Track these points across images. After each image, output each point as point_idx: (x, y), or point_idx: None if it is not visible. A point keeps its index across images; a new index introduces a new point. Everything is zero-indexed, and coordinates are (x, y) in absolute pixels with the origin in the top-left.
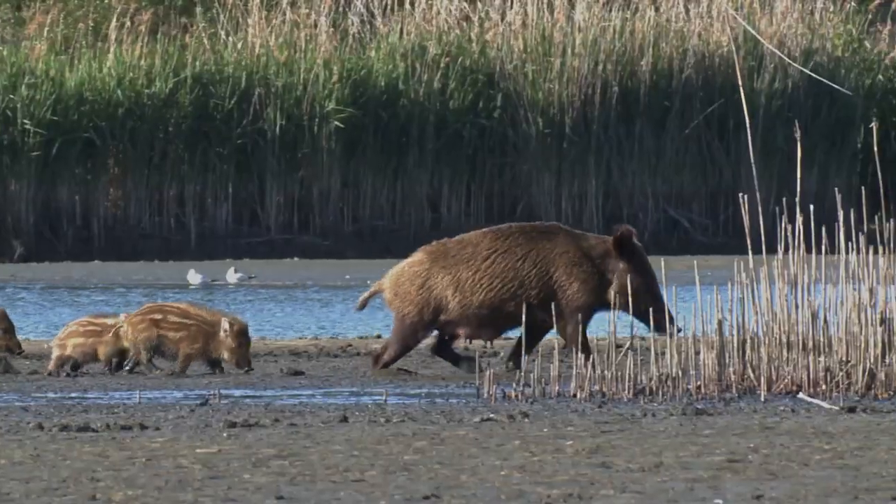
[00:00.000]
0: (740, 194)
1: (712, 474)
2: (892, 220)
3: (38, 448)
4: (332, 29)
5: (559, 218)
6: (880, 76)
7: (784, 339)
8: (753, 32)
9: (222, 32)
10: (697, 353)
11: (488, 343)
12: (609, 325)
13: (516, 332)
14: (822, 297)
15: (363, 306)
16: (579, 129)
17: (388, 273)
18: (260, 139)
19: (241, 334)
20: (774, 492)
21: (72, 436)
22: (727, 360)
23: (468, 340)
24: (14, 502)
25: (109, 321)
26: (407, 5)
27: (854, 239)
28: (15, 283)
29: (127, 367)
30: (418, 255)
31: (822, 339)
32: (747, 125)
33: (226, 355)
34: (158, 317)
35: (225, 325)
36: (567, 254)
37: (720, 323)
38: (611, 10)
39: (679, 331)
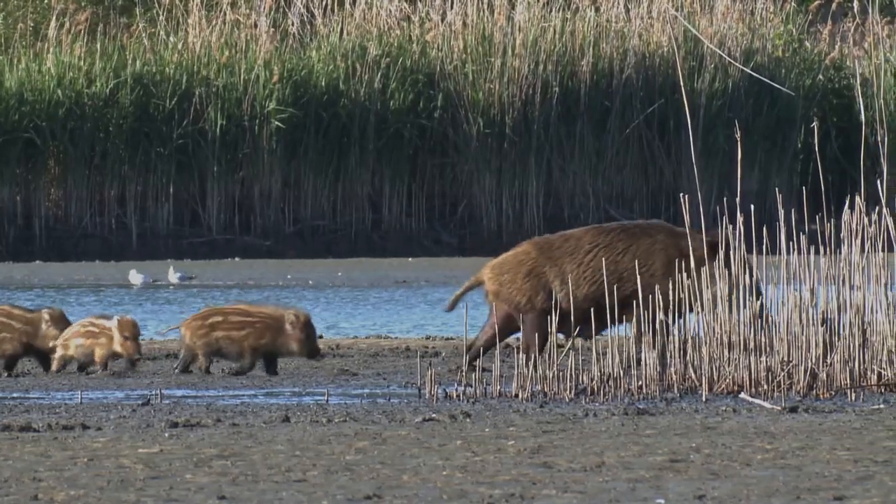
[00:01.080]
0: (681, 194)
1: (654, 474)
2: (832, 221)
3: None
4: (272, 29)
5: (500, 218)
6: (820, 76)
7: (725, 340)
8: (695, 32)
9: (162, 32)
10: (639, 352)
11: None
12: (550, 325)
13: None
14: (763, 298)
15: (454, 306)
16: (520, 129)
17: (486, 265)
18: (201, 139)
19: (307, 325)
20: (716, 491)
21: (13, 436)
22: (669, 361)
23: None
24: None
25: (108, 323)
26: (347, 5)
27: (795, 239)
28: None
29: (178, 368)
30: (524, 246)
31: (763, 339)
32: (688, 125)
33: (295, 347)
34: (219, 319)
35: (290, 317)
36: (665, 251)
37: (661, 323)
38: (551, 11)
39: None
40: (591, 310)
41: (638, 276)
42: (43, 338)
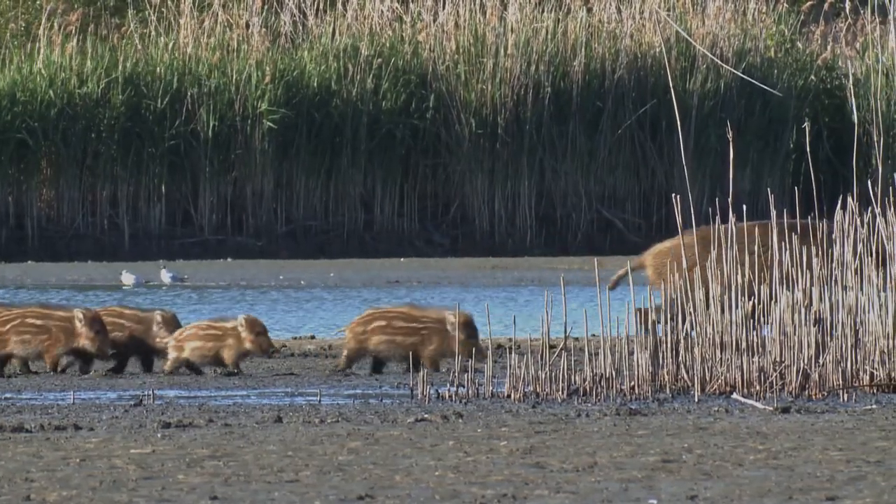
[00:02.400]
0: (673, 195)
1: (646, 474)
2: (824, 221)
3: None
4: (264, 29)
5: (492, 218)
6: (813, 77)
7: (718, 340)
8: (685, 34)
9: (154, 33)
10: (631, 353)
11: None
12: (542, 326)
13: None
14: (755, 298)
15: (616, 286)
16: (512, 129)
17: (648, 251)
18: (193, 140)
19: (468, 325)
20: (709, 492)
21: (5, 436)
22: (661, 361)
23: None
24: None
25: (229, 325)
26: (339, 6)
27: (788, 239)
28: None
29: (339, 368)
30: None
31: (755, 339)
32: (679, 126)
33: (458, 349)
34: (382, 323)
35: (451, 318)
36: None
37: (654, 323)
38: (543, 11)
39: None
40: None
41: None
42: (153, 338)
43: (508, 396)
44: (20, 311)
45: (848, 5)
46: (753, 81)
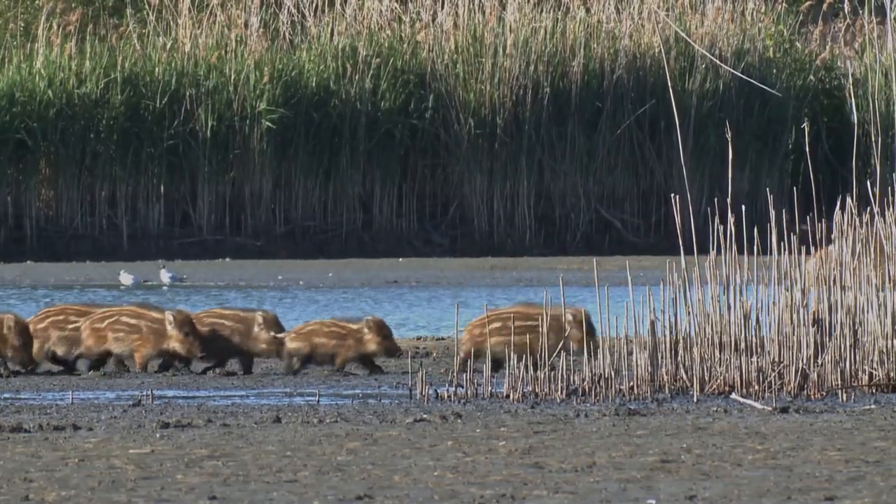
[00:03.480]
0: (672, 195)
1: (645, 475)
2: (823, 221)
3: None
4: (262, 29)
5: (491, 218)
6: (811, 77)
7: (716, 340)
8: (683, 35)
9: (152, 33)
10: (630, 353)
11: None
12: (542, 326)
13: None
14: (754, 298)
15: None
16: (511, 129)
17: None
18: (191, 140)
19: (586, 321)
20: (707, 492)
21: (4, 436)
22: (660, 361)
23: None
24: None
25: (354, 325)
26: (338, 6)
27: (786, 239)
28: None
29: (456, 371)
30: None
31: (754, 339)
32: (678, 126)
33: (575, 346)
34: (499, 324)
35: (569, 316)
36: None
37: (652, 323)
38: (542, 11)
39: None
40: None
41: None
42: (254, 340)
43: (507, 396)
44: (118, 310)
45: (847, 5)
46: (752, 81)
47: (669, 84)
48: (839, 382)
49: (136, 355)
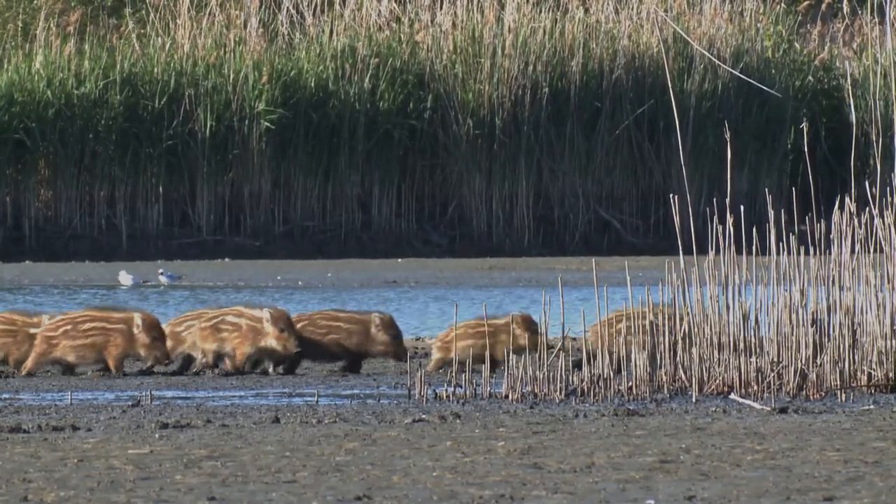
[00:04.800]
0: (671, 195)
1: (644, 475)
2: (822, 221)
3: None
4: (261, 30)
5: (489, 219)
6: (810, 77)
7: (715, 340)
8: (683, 34)
9: (152, 33)
10: (629, 353)
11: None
12: (540, 326)
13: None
14: (753, 298)
15: None
16: (510, 129)
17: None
18: (190, 140)
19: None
20: (706, 492)
21: (3, 437)
22: (659, 361)
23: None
24: None
25: (501, 321)
26: (336, 6)
27: (785, 240)
28: None
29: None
30: None
31: (753, 339)
32: (677, 126)
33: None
34: (629, 324)
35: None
36: None
37: (651, 324)
38: (540, 11)
39: None
40: None
41: None
42: (371, 341)
43: (506, 397)
44: (223, 311)
45: (846, 6)
46: (752, 81)
47: (669, 84)
48: (838, 383)
49: (237, 353)
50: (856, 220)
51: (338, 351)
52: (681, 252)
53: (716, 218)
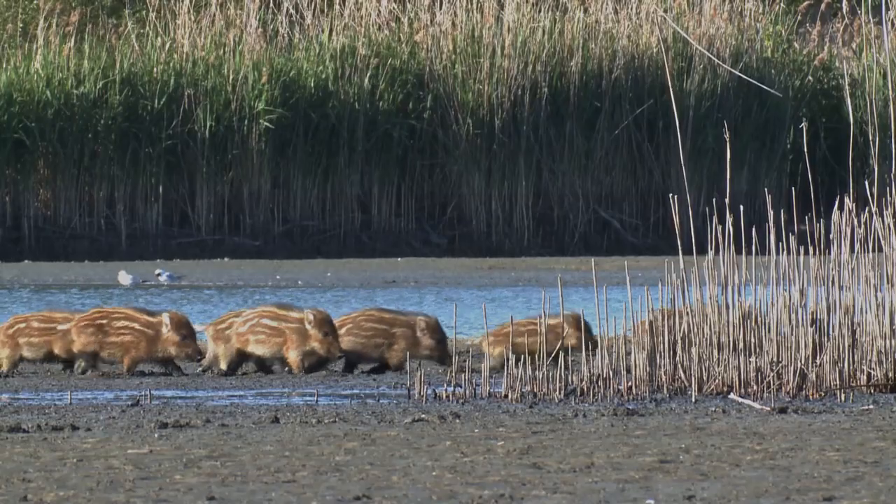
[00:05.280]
0: (670, 195)
1: (643, 475)
2: (822, 221)
3: None
4: (260, 30)
5: (489, 219)
6: (810, 77)
7: (715, 340)
8: (682, 33)
9: (151, 33)
10: (628, 353)
11: None
12: (540, 326)
13: None
14: (752, 298)
15: None
16: (509, 129)
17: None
18: (190, 140)
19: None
20: (706, 492)
21: (2, 436)
22: (658, 361)
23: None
24: None
25: (552, 321)
26: (336, 6)
27: (784, 239)
28: None
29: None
30: None
31: (752, 340)
32: (677, 126)
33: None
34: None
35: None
36: None
37: (651, 324)
38: (540, 11)
39: None
40: None
41: None
42: (417, 345)
43: (506, 396)
44: (258, 312)
45: (845, 6)
46: (751, 81)
47: (668, 84)
48: (838, 383)
49: (291, 356)
50: (855, 220)
51: (376, 354)
52: (680, 252)
53: (715, 218)
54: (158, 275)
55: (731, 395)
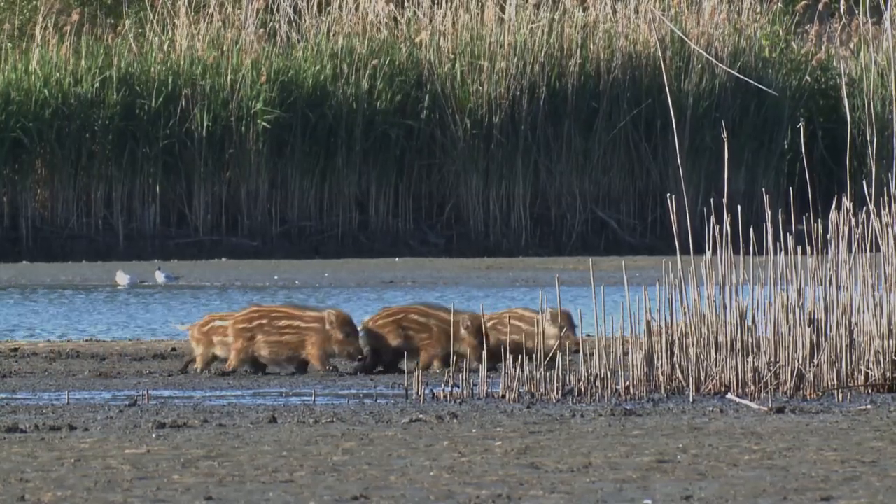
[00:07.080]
0: (668, 195)
1: (641, 475)
2: (819, 221)
3: None
4: (259, 30)
5: (487, 219)
6: (807, 77)
7: (712, 340)
8: (680, 34)
9: (150, 33)
10: (626, 353)
11: None
12: (538, 326)
13: None
14: (750, 298)
15: None
16: (507, 129)
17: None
18: (187, 140)
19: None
20: (703, 492)
21: (0, 436)
22: (655, 361)
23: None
24: None
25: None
26: (334, 6)
27: (782, 239)
28: None
29: None
30: None
31: (750, 339)
32: (674, 126)
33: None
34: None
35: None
36: None
37: (648, 324)
38: (539, 11)
39: None
40: None
41: None
42: (459, 341)
43: (503, 396)
44: (274, 310)
45: (843, 5)
46: (749, 81)
47: (666, 84)
48: (835, 382)
49: (313, 357)
50: (853, 220)
51: (399, 350)
52: (678, 252)
53: (713, 217)
54: (158, 268)
55: (729, 395)
